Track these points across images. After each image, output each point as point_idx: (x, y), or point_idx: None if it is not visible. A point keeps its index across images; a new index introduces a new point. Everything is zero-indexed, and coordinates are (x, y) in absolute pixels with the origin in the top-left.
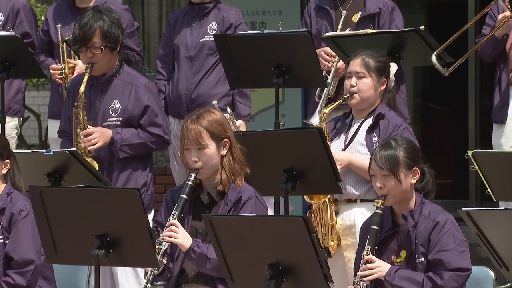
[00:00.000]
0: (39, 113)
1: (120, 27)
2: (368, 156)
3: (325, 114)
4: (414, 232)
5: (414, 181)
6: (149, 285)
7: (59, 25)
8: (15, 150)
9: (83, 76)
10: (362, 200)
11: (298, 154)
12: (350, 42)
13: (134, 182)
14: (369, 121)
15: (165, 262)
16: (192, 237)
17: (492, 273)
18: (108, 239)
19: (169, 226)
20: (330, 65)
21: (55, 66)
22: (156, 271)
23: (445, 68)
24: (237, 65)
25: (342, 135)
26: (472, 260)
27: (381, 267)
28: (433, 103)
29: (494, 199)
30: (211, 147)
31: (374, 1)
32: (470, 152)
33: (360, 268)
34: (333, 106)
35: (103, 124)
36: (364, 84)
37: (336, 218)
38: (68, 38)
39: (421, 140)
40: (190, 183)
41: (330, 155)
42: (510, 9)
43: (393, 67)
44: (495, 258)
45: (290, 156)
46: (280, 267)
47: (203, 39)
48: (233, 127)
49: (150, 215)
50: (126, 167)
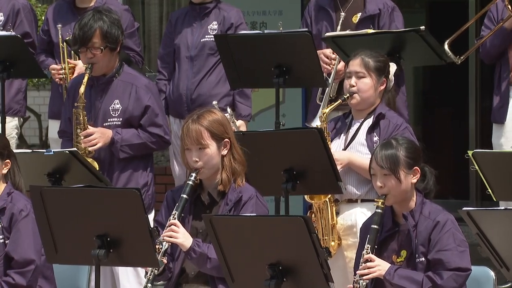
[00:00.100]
0: (39, 113)
1: (120, 27)
2: (369, 156)
3: (325, 114)
4: (415, 232)
5: (414, 180)
6: (150, 285)
7: (59, 25)
8: (15, 150)
9: (83, 77)
10: (363, 200)
11: (298, 154)
12: (351, 42)
13: (134, 182)
14: (370, 121)
15: (165, 262)
16: (193, 237)
17: (492, 273)
18: (108, 239)
19: (169, 226)
20: (330, 68)
21: (55, 66)
22: (156, 271)
23: (457, 57)
24: (237, 65)
25: (342, 135)
26: (472, 260)
27: (380, 266)
28: (433, 103)
29: (494, 199)
30: (212, 147)
31: (374, 2)
32: (470, 152)
33: (360, 267)
34: (333, 106)
35: (104, 125)
36: (363, 84)
37: (336, 218)
38: (69, 38)
39: (422, 140)
40: (190, 183)
41: (330, 155)
42: (509, 9)
43: (393, 67)
44: (495, 258)
45: (290, 156)
46: (280, 267)
47: (203, 39)
48: (233, 127)
49: (151, 215)
50: (127, 167)
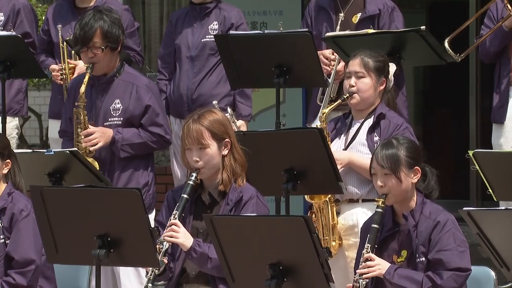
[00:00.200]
0: (40, 113)
1: (121, 27)
2: (369, 156)
3: (324, 114)
4: (415, 231)
5: (415, 180)
6: (150, 285)
7: (59, 25)
8: (16, 150)
9: (84, 76)
10: (364, 200)
11: (299, 154)
12: (351, 42)
13: (135, 181)
14: (370, 121)
15: (166, 261)
16: (193, 237)
17: (493, 273)
18: (109, 239)
19: (170, 226)
20: (329, 69)
21: (54, 67)
22: (157, 270)
23: (457, 55)
24: (238, 65)
25: (343, 135)
26: (473, 260)
27: (380, 265)
28: (433, 103)
29: (495, 199)
30: (212, 147)
31: (374, 2)
32: (471, 152)
33: (360, 266)
34: (332, 106)
35: (104, 124)
36: (363, 84)
37: (337, 218)
38: (69, 38)
39: (422, 140)
40: (191, 183)
41: (331, 155)
42: (509, 9)
43: (392, 67)
44: (496, 258)
45: (291, 156)
46: (281, 267)
47: (204, 39)
48: (234, 127)
49: (152, 215)
50: (128, 166)
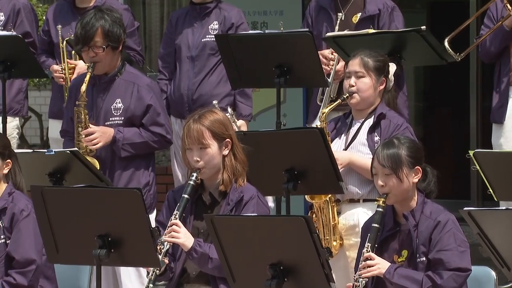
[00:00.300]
0: (40, 113)
1: (122, 26)
2: (370, 156)
3: (324, 114)
4: (416, 231)
5: (416, 180)
6: (151, 285)
7: (59, 25)
8: (16, 150)
9: (85, 76)
10: (365, 200)
11: (299, 154)
12: (352, 42)
13: (136, 181)
14: (370, 121)
15: (167, 262)
16: (194, 237)
17: (493, 273)
18: (109, 239)
19: (171, 226)
20: (329, 69)
21: (56, 67)
22: (158, 271)
23: (457, 54)
24: (238, 65)
25: (343, 135)
26: (473, 260)
27: (380, 265)
28: (434, 103)
29: (495, 199)
30: (213, 147)
31: (374, 2)
32: (471, 152)
33: (360, 265)
34: (332, 106)
35: (105, 124)
36: (363, 84)
37: (338, 218)
38: (69, 38)
39: (422, 140)
40: (191, 183)
41: (331, 155)
42: (509, 8)
43: (392, 67)
44: (496, 258)
45: (291, 156)
46: (281, 267)
47: (204, 39)
48: (234, 127)
49: (153, 215)
50: (129, 166)
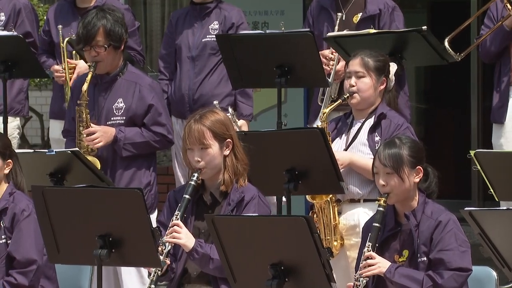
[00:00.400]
0: (41, 113)
1: (124, 25)
2: (370, 156)
3: (325, 114)
4: (417, 231)
5: (417, 180)
6: (153, 286)
7: (60, 26)
8: (17, 150)
9: (87, 75)
10: (365, 200)
11: (300, 154)
12: (353, 42)
13: (137, 181)
14: (371, 121)
15: (168, 262)
16: (195, 237)
17: (494, 273)
18: (110, 239)
19: (172, 226)
20: (329, 69)
21: (57, 67)
22: (159, 271)
23: (458, 54)
24: (239, 65)
25: (344, 135)
26: (474, 260)
27: (381, 264)
28: (435, 103)
29: (496, 199)
30: (214, 147)
31: (375, 2)
32: (472, 152)
33: (360, 265)
34: (333, 106)
35: (107, 123)
36: (363, 84)
37: (339, 218)
38: (69, 38)
39: (423, 140)
40: (193, 183)
41: (332, 155)
42: (509, 8)
43: (393, 67)
44: (497, 258)
45: (292, 156)
46: (282, 267)
47: (205, 39)
48: (235, 127)
49: (154, 215)
50: (130, 166)
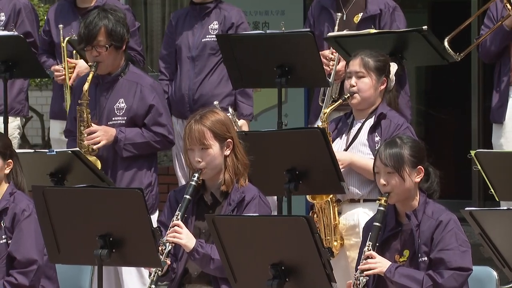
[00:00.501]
0: (42, 113)
1: (126, 26)
2: (370, 156)
3: (325, 114)
4: (418, 231)
5: (418, 179)
6: (153, 286)
7: (60, 25)
8: (18, 150)
9: (88, 75)
10: (365, 200)
11: (301, 154)
12: (353, 42)
13: (138, 181)
14: (371, 121)
15: (169, 263)
16: (196, 237)
17: (495, 273)
18: (111, 239)
19: (172, 226)
20: (329, 69)
21: (57, 67)
22: (160, 271)
23: (457, 54)
24: (240, 65)
25: (344, 135)
26: (475, 260)
27: (381, 263)
28: (435, 103)
29: (497, 199)
30: (215, 147)
31: (376, 2)
32: (473, 152)
33: (361, 263)
34: (333, 106)
35: (108, 123)
36: (364, 84)
37: (339, 218)
38: (70, 38)
39: (424, 140)
40: (193, 183)
41: (333, 155)
42: (509, 8)
43: (393, 67)
44: (498, 258)
45: (293, 156)
46: (283, 267)
47: (205, 39)
48: (235, 127)
49: (155, 216)
50: (131, 166)
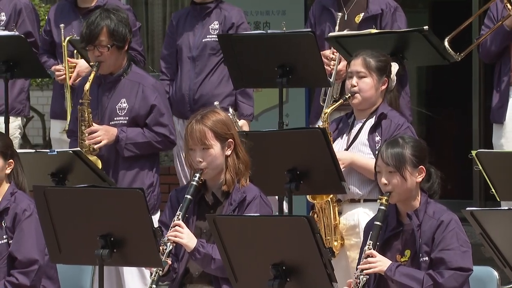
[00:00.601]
0: (43, 113)
1: (128, 26)
2: (371, 156)
3: (326, 114)
4: (419, 231)
5: (419, 179)
6: (154, 286)
7: (62, 24)
8: (18, 150)
9: (90, 74)
10: (365, 200)
11: (301, 154)
12: (354, 42)
13: (140, 181)
14: (372, 121)
15: (169, 263)
16: (197, 237)
17: (496, 273)
18: (112, 239)
19: (174, 226)
20: (330, 69)
21: (58, 67)
22: (161, 271)
23: (457, 53)
24: (240, 65)
25: (345, 135)
26: (476, 260)
27: (381, 262)
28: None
29: (498, 199)
30: (216, 147)
31: (377, 2)
32: (474, 152)
33: (361, 262)
34: (334, 106)
35: (110, 123)
36: (365, 84)
37: (339, 218)
38: (71, 37)
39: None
40: (194, 183)
41: (334, 155)
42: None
43: (394, 67)
44: (499, 258)
45: (294, 156)
46: (284, 267)
47: (205, 39)
48: (236, 127)
49: (157, 216)
50: (133, 166)
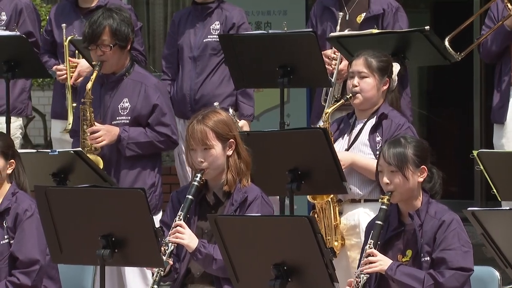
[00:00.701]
0: (44, 113)
1: (130, 25)
2: (372, 156)
3: (327, 114)
4: (420, 231)
5: (421, 179)
6: (156, 286)
7: (63, 24)
8: (20, 150)
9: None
10: (366, 200)
11: (303, 154)
12: (355, 42)
13: (142, 181)
14: (372, 121)
15: (171, 263)
16: (198, 237)
17: (497, 273)
18: (113, 239)
19: (175, 227)
20: (331, 69)
21: (59, 67)
22: (162, 271)
23: (458, 53)
24: (242, 65)
25: (346, 135)
26: (477, 260)
27: (382, 261)
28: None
29: (499, 199)
30: (217, 148)
31: (379, 2)
32: (475, 152)
33: (362, 261)
34: (335, 106)
35: (112, 123)
36: (366, 84)
37: (340, 218)
38: (72, 37)
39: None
40: (196, 183)
41: (335, 155)
42: (509, 8)
43: (396, 67)
44: (500, 258)
45: (295, 156)
46: (285, 267)
47: (206, 39)
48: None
49: (158, 216)
50: (135, 166)
